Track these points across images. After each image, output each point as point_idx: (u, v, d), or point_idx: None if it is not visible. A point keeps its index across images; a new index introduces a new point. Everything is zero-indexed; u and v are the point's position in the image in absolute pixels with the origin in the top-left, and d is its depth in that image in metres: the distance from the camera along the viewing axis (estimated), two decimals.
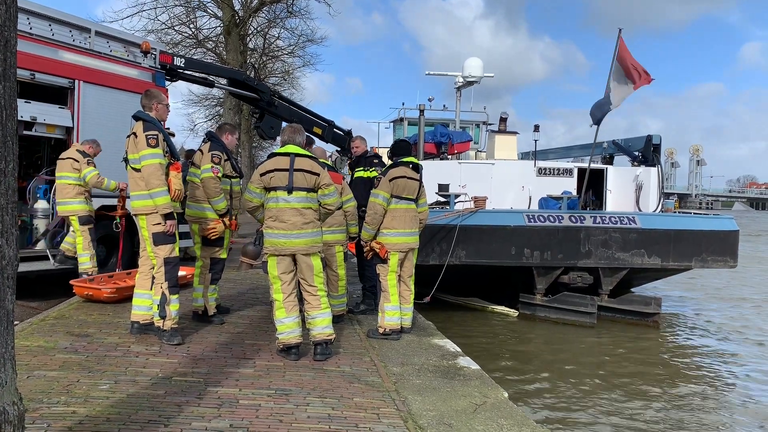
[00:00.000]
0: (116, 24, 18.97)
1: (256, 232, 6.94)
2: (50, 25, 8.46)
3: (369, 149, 8.08)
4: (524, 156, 16.73)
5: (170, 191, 5.68)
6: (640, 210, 12.76)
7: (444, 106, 18.77)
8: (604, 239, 11.07)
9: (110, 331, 6.00)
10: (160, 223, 5.65)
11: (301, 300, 5.64)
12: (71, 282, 7.36)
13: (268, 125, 13.03)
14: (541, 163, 13.65)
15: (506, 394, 4.94)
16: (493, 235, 10.80)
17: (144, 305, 5.81)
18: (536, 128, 14.22)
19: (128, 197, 8.37)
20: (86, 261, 7.91)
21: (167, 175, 5.72)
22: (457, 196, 11.75)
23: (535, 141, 14.09)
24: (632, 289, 12.92)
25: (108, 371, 4.75)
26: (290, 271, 5.53)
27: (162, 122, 6.20)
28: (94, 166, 8.01)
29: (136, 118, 5.82)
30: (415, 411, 4.34)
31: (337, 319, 6.42)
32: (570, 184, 13.28)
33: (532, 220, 10.99)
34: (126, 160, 5.81)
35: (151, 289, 5.77)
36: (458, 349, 6.23)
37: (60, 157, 8.08)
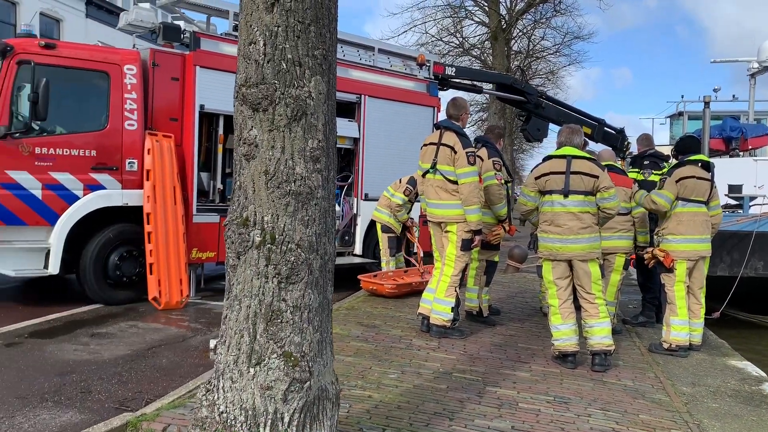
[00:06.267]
0: (392, 40, 20.55)
1: (530, 235, 6.91)
2: (342, 47, 9.46)
3: (649, 149, 7.50)
4: None
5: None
6: None
7: (733, 96, 16.69)
8: None
9: (393, 324, 6.50)
10: (470, 232, 5.87)
11: (578, 307, 5.47)
12: (359, 277, 8.14)
13: (535, 127, 12.90)
14: None
15: None
16: None
17: (428, 299, 6.14)
18: None
19: (414, 226, 9.01)
20: (384, 265, 8.73)
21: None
22: (752, 198, 10.31)
23: None
24: None
25: (395, 361, 5.14)
26: (566, 276, 5.39)
27: None
28: (405, 196, 8.42)
29: (445, 128, 5.99)
30: None
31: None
32: None
33: None
34: (434, 168, 5.95)
35: (436, 287, 6.05)
36: (762, 374, 5.46)
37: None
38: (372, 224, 9.25)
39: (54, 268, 6.83)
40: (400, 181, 8.62)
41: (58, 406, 4.24)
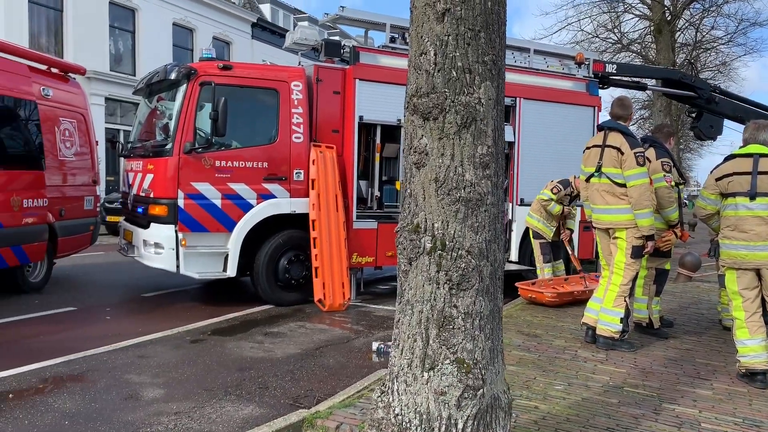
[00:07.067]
0: (546, 39, 20.02)
1: (710, 242, 6.37)
2: None
3: None
4: None
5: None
6: None
7: None
8: None
9: (556, 333, 6.29)
10: (642, 238, 5.55)
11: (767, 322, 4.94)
12: (516, 284, 7.98)
13: (707, 124, 11.95)
14: None
15: None
16: None
17: (594, 309, 5.87)
18: None
19: (570, 218, 8.66)
20: (539, 273, 8.52)
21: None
22: None
23: None
24: None
25: (560, 372, 4.96)
26: (754, 287, 4.90)
27: None
28: (553, 194, 8.25)
29: (609, 128, 5.72)
30: None
31: None
32: None
33: None
34: (599, 171, 5.69)
35: (603, 296, 5.77)
36: None
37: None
38: (528, 230, 9.04)
39: (232, 271, 7.44)
40: (551, 182, 8.38)
41: (239, 399, 4.60)
